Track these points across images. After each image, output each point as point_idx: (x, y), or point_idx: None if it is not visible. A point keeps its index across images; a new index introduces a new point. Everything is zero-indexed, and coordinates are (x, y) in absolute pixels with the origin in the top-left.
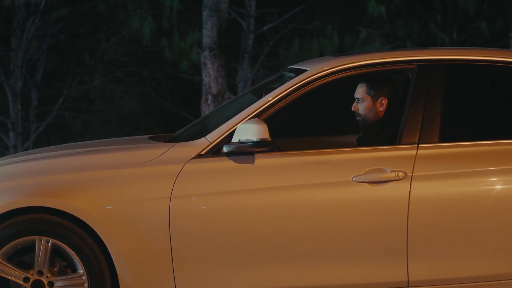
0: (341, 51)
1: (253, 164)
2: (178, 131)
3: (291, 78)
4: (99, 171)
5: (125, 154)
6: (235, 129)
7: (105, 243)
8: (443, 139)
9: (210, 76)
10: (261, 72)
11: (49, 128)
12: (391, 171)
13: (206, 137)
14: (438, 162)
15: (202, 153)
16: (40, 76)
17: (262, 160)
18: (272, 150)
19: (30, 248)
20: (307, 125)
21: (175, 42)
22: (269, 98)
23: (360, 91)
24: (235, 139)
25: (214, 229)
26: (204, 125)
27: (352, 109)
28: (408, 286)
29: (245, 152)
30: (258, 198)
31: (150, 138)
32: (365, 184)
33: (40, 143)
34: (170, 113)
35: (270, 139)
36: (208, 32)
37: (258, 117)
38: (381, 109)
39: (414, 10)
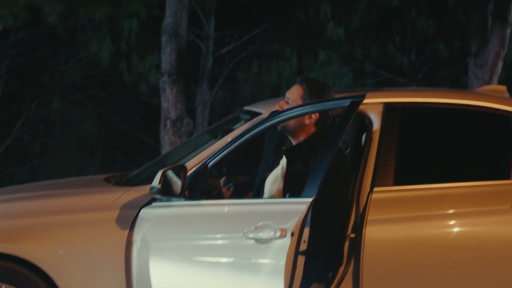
0: (300, 73)
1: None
2: (134, 173)
3: (246, 120)
4: (54, 216)
5: (80, 198)
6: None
7: None
8: (397, 183)
9: (169, 101)
10: (220, 94)
11: (8, 150)
12: None
13: None
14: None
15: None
16: None
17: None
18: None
19: None
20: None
21: (134, 65)
22: (221, 144)
23: (295, 92)
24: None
25: (170, 274)
26: (159, 167)
27: (278, 107)
28: None
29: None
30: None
31: (105, 179)
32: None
33: None
34: (129, 136)
35: (160, 187)
36: (167, 57)
37: (206, 163)
38: (307, 122)
39: (373, 32)
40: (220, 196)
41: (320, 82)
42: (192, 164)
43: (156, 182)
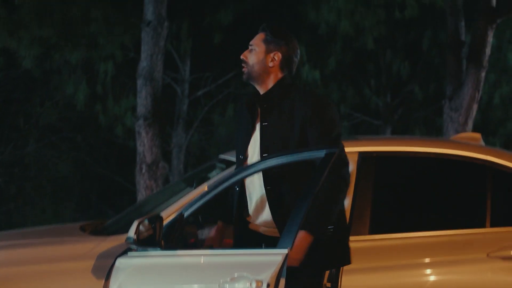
0: None
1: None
2: (110, 221)
3: (222, 168)
4: (30, 266)
5: (56, 248)
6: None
7: None
8: (373, 231)
9: (144, 145)
10: (196, 137)
11: None
12: None
13: None
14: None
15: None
16: None
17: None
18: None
19: None
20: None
21: (109, 107)
22: (197, 193)
23: (257, 38)
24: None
25: None
26: (135, 216)
27: (241, 56)
28: None
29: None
30: None
31: (81, 227)
32: None
33: None
34: (105, 178)
35: (135, 237)
36: (143, 101)
37: (182, 212)
38: (270, 64)
39: (348, 74)
40: (196, 245)
41: (282, 27)
42: (168, 213)
43: (131, 232)
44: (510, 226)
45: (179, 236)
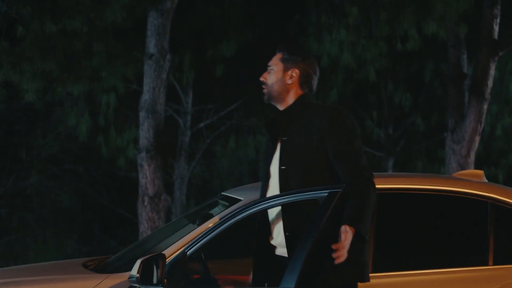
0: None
1: None
2: (112, 258)
3: (225, 206)
4: None
5: (58, 286)
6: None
7: None
8: (376, 270)
9: (147, 177)
10: (198, 169)
11: None
12: None
13: None
14: None
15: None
16: None
17: None
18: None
19: None
20: (243, 247)
21: (111, 139)
22: (202, 230)
23: (275, 58)
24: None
25: None
26: (138, 253)
27: (260, 78)
28: None
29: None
30: None
31: (84, 264)
32: None
33: None
34: (107, 210)
35: (138, 276)
36: (145, 134)
37: (190, 250)
38: (289, 81)
39: (350, 106)
40: (201, 281)
41: (298, 45)
42: (171, 252)
43: (135, 271)
44: None
45: (182, 275)
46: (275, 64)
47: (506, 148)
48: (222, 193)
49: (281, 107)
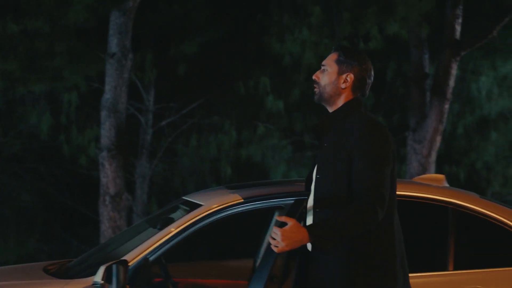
0: (239, 146)
1: None
2: (73, 262)
3: (186, 210)
4: None
5: None
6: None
7: None
8: None
9: (108, 177)
10: (160, 167)
11: None
12: None
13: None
14: None
15: None
16: None
17: None
18: None
19: None
20: (203, 251)
21: (73, 137)
22: (163, 234)
23: (330, 58)
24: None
25: None
26: (98, 258)
27: (313, 77)
28: None
29: None
30: None
31: (44, 269)
32: None
33: None
34: (68, 209)
35: (103, 283)
36: (106, 133)
37: (152, 255)
38: (343, 86)
39: (312, 105)
40: (162, 284)
41: (354, 48)
42: (132, 256)
43: (99, 277)
44: (472, 269)
45: (144, 281)
46: (330, 65)
47: (467, 147)
48: (183, 197)
49: (330, 109)
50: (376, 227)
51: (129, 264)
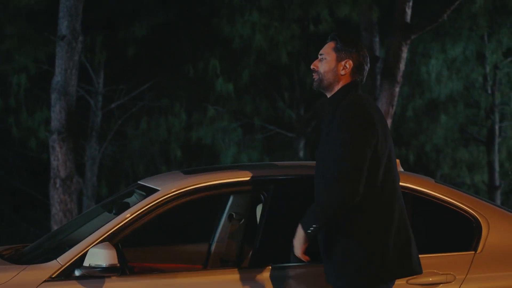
0: (189, 129)
1: None
2: (28, 247)
3: (142, 195)
4: None
5: None
6: (86, 252)
7: None
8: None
9: (59, 160)
10: (109, 150)
11: None
12: None
13: (58, 259)
14: None
15: (53, 276)
16: None
17: (112, 284)
18: (124, 273)
19: None
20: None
21: (23, 120)
22: (120, 220)
23: (327, 47)
24: (86, 263)
25: None
26: (55, 243)
27: (311, 66)
28: None
29: (96, 276)
30: None
31: None
32: None
33: None
34: (18, 192)
35: (118, 264)
36: (57, 116)
37: (109, 241)
38: (342, 72)
39: (262, 87)
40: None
41: (350, 36)
42: (91, 241)
43: (94, 260)
44: (428, 253)
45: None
46: (328, 54)
47: (417, 129)
48: (139, 182)
49: (328, 95)
50: (363, 201)
51: (88, 248)
